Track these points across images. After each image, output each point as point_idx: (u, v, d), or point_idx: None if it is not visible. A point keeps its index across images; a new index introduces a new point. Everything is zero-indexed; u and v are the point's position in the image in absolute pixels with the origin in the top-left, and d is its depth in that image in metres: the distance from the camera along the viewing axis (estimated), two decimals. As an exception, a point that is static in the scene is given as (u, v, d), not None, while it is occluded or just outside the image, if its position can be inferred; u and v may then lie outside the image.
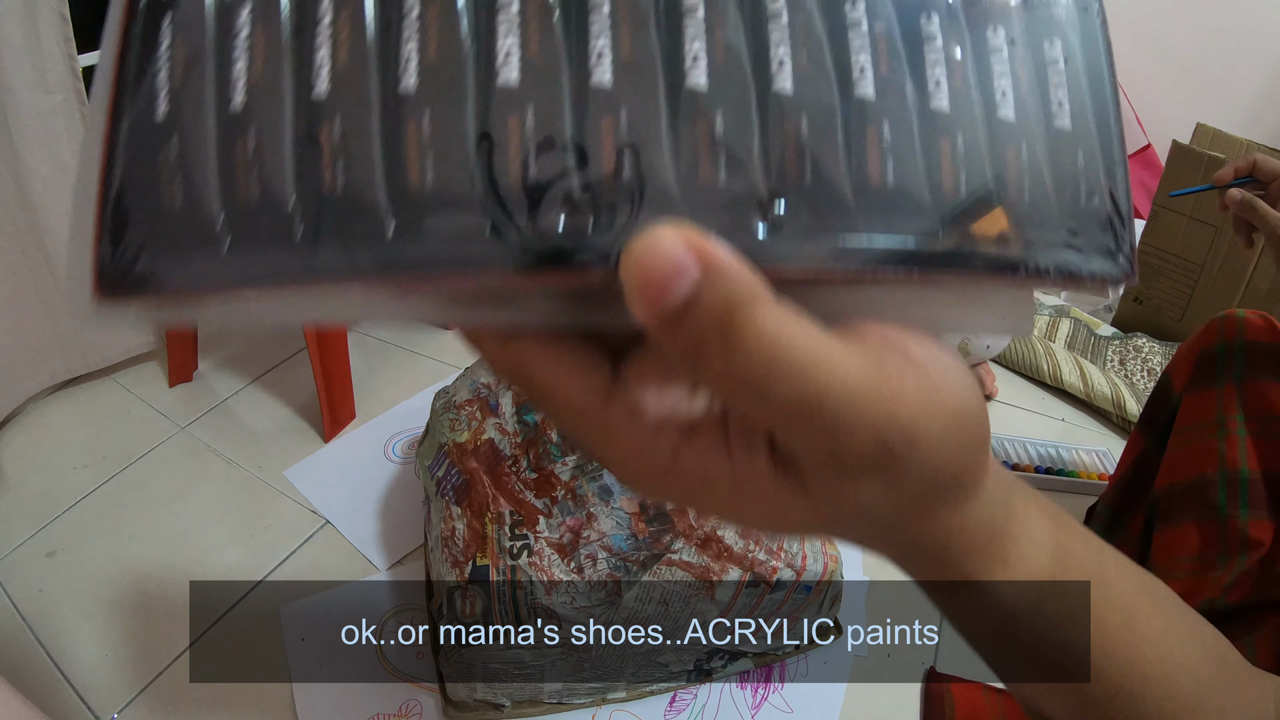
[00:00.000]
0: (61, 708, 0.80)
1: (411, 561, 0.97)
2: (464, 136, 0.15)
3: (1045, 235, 0.17)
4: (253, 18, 0.16)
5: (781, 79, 0.16)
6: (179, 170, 0.15)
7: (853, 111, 0.17)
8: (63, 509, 1.05)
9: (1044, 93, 0.18)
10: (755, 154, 0.16)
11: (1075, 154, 0.18)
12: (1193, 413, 0.78)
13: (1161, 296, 1.48)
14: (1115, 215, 0.18)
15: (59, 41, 1.08)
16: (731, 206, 0.16)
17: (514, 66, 0.15)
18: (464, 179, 0.15)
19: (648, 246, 0.13)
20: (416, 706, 0.80)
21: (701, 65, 0.16)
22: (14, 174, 1.09)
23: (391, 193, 0.15)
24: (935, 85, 0.17)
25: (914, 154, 0.17)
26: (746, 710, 0.82)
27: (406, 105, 0.15)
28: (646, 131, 0.15)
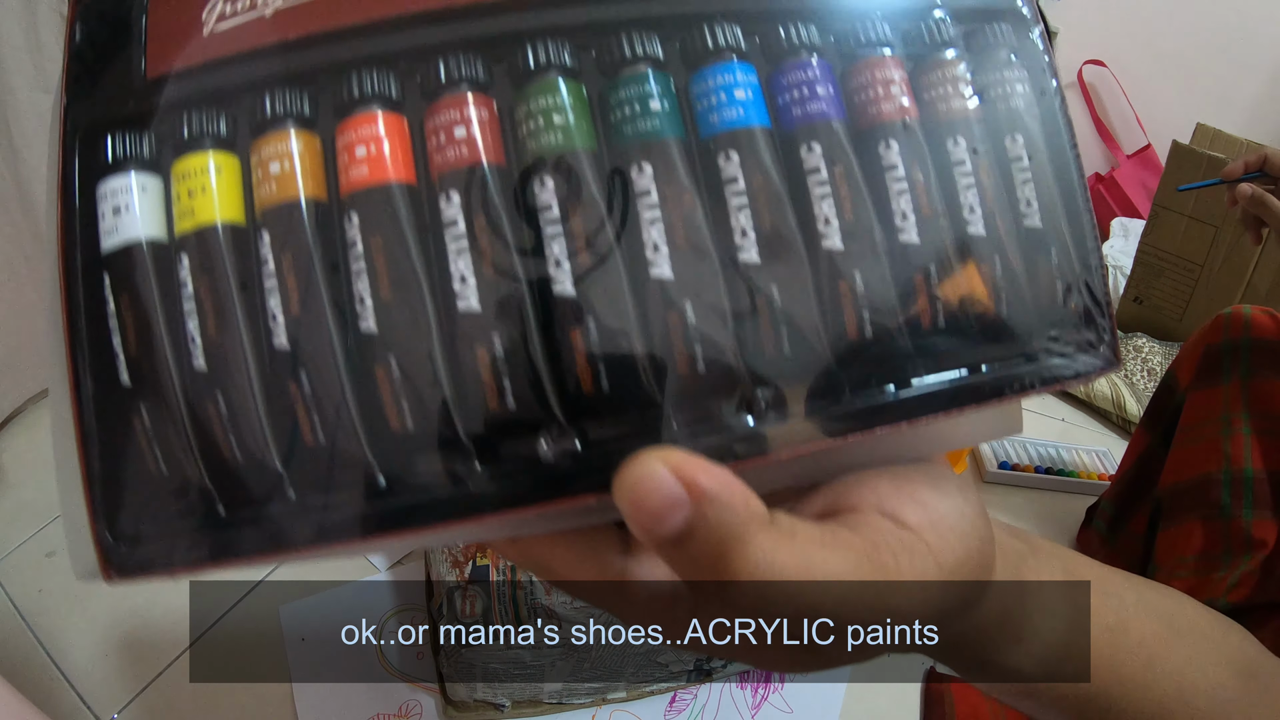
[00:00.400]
0: (61, 708, 0.80)
1: (411, 561, 0.97)
2: (435, 373, 0.15)
3: (1026, 350, 0.17)
4: (193, 272, 0.15)
5: (747, 249, 0.16)
6: (155, 440, 0.15)
7: (823, 267, 0.16)
8: (62, 509, 1.05)
9: (1011, 195, 0.18)
10: (730, 342, 0.16)
11: (1049, 252, 0.18)
12: (1197, 410, 0.78)
13: (1161, 296, 1.48)
14: (1094, 307, 0.18)
15: (59, 41, 1.07)
16: (715, 402, 0.15)
17: (472, 290, 0.15)
18: (443, 420, 0.15)
19: (638, 480, 0.13)
20: (416, 706, 0.80)
21: (664, 254, 0.15)
22: (14, 174, 1.09)
23: (373, 444, 0.15)
24: (902, 218, 0.17)
25: (889, 299, 0.16)
26: (746, 710, 0.82)
27: (372, 347, 0.15)
28: (615, 338, 0.15)
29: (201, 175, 0.16)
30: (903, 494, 0.16)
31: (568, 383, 0.15)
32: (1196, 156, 1.37)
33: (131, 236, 0.15)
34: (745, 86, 0.17)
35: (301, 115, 0.16)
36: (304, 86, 0.16)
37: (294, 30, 0.16)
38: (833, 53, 0.17)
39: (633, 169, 0.16)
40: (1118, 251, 1.64)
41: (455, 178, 0.15)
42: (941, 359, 0.17)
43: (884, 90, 0.17)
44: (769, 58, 0.17)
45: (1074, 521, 1.04)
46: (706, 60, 0.17)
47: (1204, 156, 1.36)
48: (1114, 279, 1.62)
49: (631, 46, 0.16)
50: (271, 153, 0.16)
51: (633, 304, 0.15)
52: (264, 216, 0.15)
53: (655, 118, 0.16)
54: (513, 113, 0.16)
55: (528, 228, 0.15)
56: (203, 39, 0.16)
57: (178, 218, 0.16)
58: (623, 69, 0.16)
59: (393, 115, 0.16)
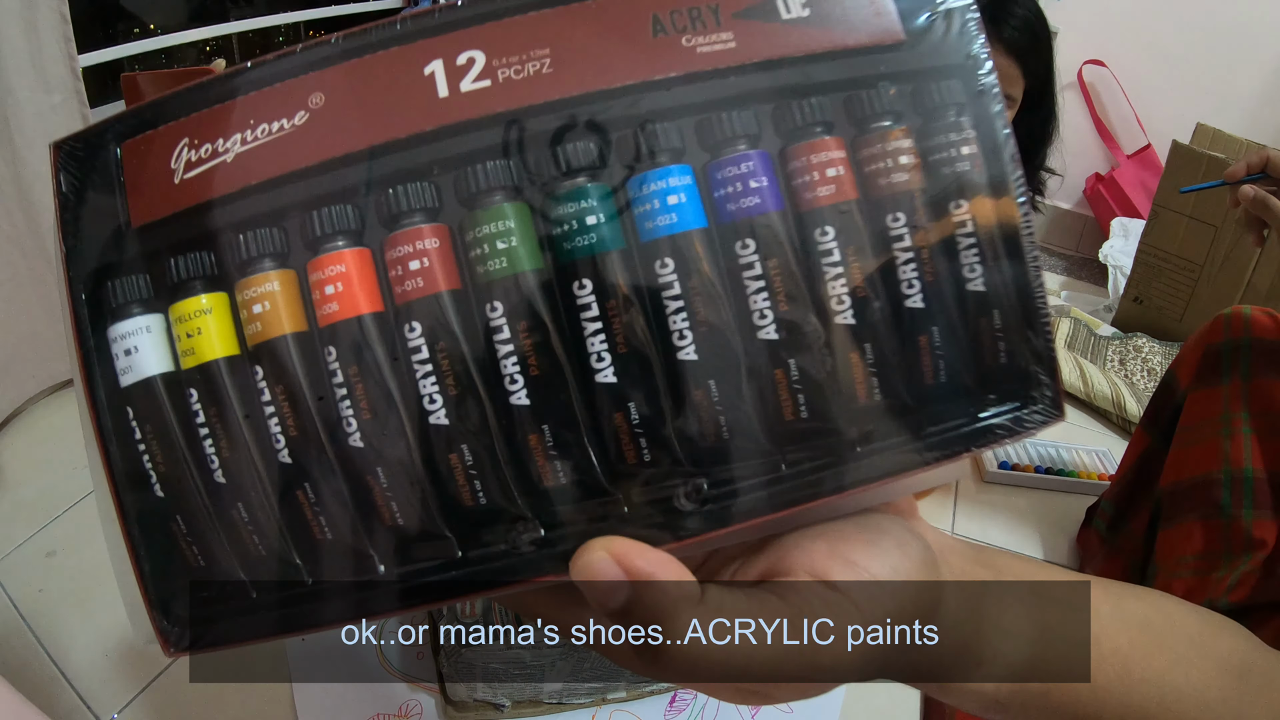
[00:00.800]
0: (61, 708, 0.80)
1: (412, 561, 0.97)
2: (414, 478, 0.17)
3: (966, 413, 0.18)
4: (202, 403, 0.18)
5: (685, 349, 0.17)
6: (192, 540, 0.18)
7: (759, 357, 0.17)
8: (63, 509, 1.05)
9: (954, 262, 0.18)
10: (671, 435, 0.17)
11: (991, 315, 0.18)
12: (1198, 410, 0.78)
13: (1161, 296, 1.48)
14: (1036, 364, 0.18)
15: (59, 41, 1.07)
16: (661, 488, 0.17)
17: (439, 407, 0.17)
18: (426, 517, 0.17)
19: (585, 566, 0.16)
20: (416, 706, 0.80)
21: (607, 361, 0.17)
22: (14, 174, 1.09)
23: (370, 537, 0.18)
24: (838, 302, 0.17)
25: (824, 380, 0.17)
26: (747, 710, 0.82)
27: (360, 459, 0.17)
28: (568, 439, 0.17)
29: (197, 318, 0.18)
30: (835, 556, 0.18)
31: (530, 478, 0.17)
32: (1196, 156, 1.37)
33: (145, 373, 0.18)
34: (679, 191, 0.17)
35: (276, 253, 0.17)
36: (274, 224, 0.17)
37: (256, 174, 0.17)
38: (770, 136, 0.18)
39: (574, 284, 0.17)
40: (1118, 251, 1.64)
41: (416, 308, 0.17)
42: (880, 431, 0.18)
43: (820, 175, 0.18)
44: (707, 147, 0.17)
45: (1074, 521, 1.04)
46: (641, 165, 0.17)
47: (1204, 156, 1.36)
48: (1114, 279, 1.62)
49: (568, 159, 0.17)
50: (253, 294, 0.17)
51: (582, 408, 0.17)
52: (255, 351, 0.17)
53: (593, 232, 0.17)
54: (463, 233, 0.17)
55: (485, 348, 0.17)
56: (174, 186, 0.18)
57: (182, 355, 0.18)
58: (560, 184, 0.17)
59: (356, 252, 0.17)
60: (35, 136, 1.09)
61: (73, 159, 0.19)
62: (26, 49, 1.05)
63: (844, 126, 0.18)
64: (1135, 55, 1.72)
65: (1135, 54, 1.72)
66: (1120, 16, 1.71)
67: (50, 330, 1.20)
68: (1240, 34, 1.61)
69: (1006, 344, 0.18)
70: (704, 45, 0.17)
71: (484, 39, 0.17)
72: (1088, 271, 1.84)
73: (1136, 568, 0.86)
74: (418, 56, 0.17)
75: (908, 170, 0.18)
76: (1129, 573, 0.87)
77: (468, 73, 0.17)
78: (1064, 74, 1.74)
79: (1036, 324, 0.18)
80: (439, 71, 0.17)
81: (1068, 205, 1.92)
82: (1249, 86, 1.64)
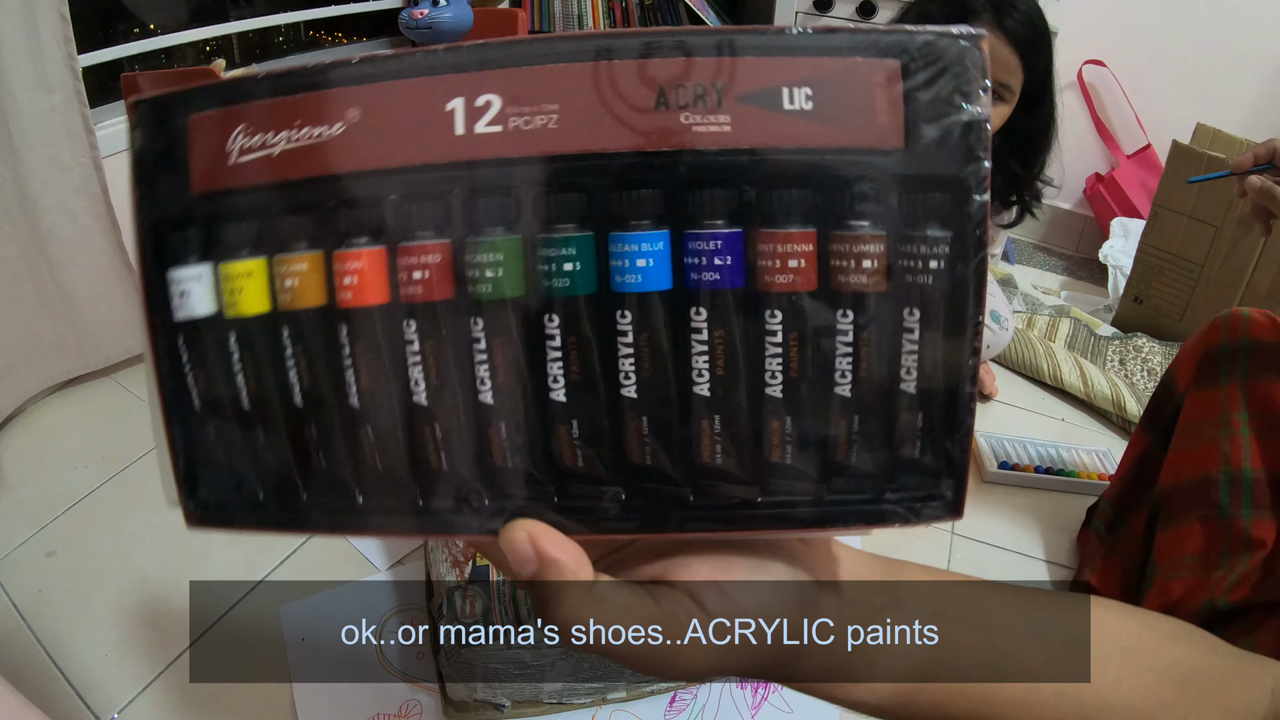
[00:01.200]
0: (61, 708, 0.80)
1: (411, 561, 0.97)
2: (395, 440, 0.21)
3: (868, 493, 0.21)
4: (239, 345, 0.22)
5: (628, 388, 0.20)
6: (219, 446, 0.22)
7: (692, 407, 0.20)
8: (63, 509, 1.05)
9: (893, 362, 0.20)
10: (604, 453, 0.21)
11: (916, 416, 0.20)
12: (1196, 411, 0.78)
13: (1161, 296, 1.48)
14: (947, 468, 0.20)
15: (59, 41, 1.07)
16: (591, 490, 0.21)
17: (423, 391, 0.21)
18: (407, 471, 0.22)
19: (508, 539, 0.20)
20: (416, 706, 0.80)
21: (560, 384, 0.21)
22: (14, 174, 1.09)
23: (355, 474, 0.22)
24: (771, 377, 0.20)
25: (744, 438, 0.20)
26: (746, 710, 0.82)
27: (354, 417, 0.21)
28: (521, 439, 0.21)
29: (240, 279, 0.21)
30: (713, 581, 0.21)
31: (487, 460, 0.21)
32: (1196, 156, 1.37)
33: (195, 314, 0.22)
34: (650, 255, 0.20)
35: (309, 237, 0.21)
36: (308, 215, 0.21)
37: (297, 170, 0.20)
38: (749, 218, 0.19)
39: (545, 316, 0.20)
40: (1118, 251, 1.64)
41: (414, 309, 0.21)
42: (783, 489, 0.21)
43: (782, 263, 0.19)
44: (686, 218, 0.19)
45: (1074, 521, 1.04)
46: (623, 226, 0.20)
47: (1204, 156, 1.36)
48: (1114, 279, 1.62)
49: (559, 208, 0.20)
50: (287, 270, 0.21)
51: (536, 416, 0.21)
52: (284, 316, 0.21)
53: (569, 276, 0.20)
54: (463, 254, 0.20)
55: (466, 352, 0.21)
56: (229, 167, 0.21)
57: (225, 306, 0.21)
58: (550, 229, 0.20)
59: (374, 250, 0.21)
60: (35, 137, 1.09)
61: (147, 119, 0.22)
62: (26, 49, 1.05)
63: (821, 218, 0.19)
64: (1135, 55, 1.72)
65: (1135, 54, 1.72)
66: (1120, 16, 1.71)
67: (50, 330, 1.20)
68: (1240, 34, 1.61)
69: (924, 443, 0.20)
70: (699, 124, 0.19)
71: (503, 84, 0.19)
72: (1088, 271, 1.84)
73: (1135, 568, 0.86)
74: (444, 90, 0.20)
75: (870, 274, 0.19)
76: (1128, 573, 0.87)
77: (483, 115, 0.20)
78: (1064, 74, 1.74)
79: (957, 434, 0.20)
80: (459, 110, 0.20)
81: (1068, 205, 1.92)
82: (1249, 86, 1.64)
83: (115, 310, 1.24)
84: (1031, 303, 1.62)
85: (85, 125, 1.13)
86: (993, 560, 1.02)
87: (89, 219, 1.17)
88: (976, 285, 0.19)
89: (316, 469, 0.22)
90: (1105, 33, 1.72)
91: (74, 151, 1.13)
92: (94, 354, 1.26)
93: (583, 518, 0.21)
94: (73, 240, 1.17)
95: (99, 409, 1.24)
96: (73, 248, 1.17)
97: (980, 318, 0.19)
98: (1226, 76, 1.65)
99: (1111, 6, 1.71)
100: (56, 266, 1.16)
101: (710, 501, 0.21)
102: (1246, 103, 1.65)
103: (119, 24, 1.49)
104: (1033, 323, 1.51)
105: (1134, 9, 1.69)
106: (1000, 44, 0.88)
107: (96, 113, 1.26)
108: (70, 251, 1.17)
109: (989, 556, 1.02)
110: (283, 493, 0.22)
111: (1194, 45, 1.66)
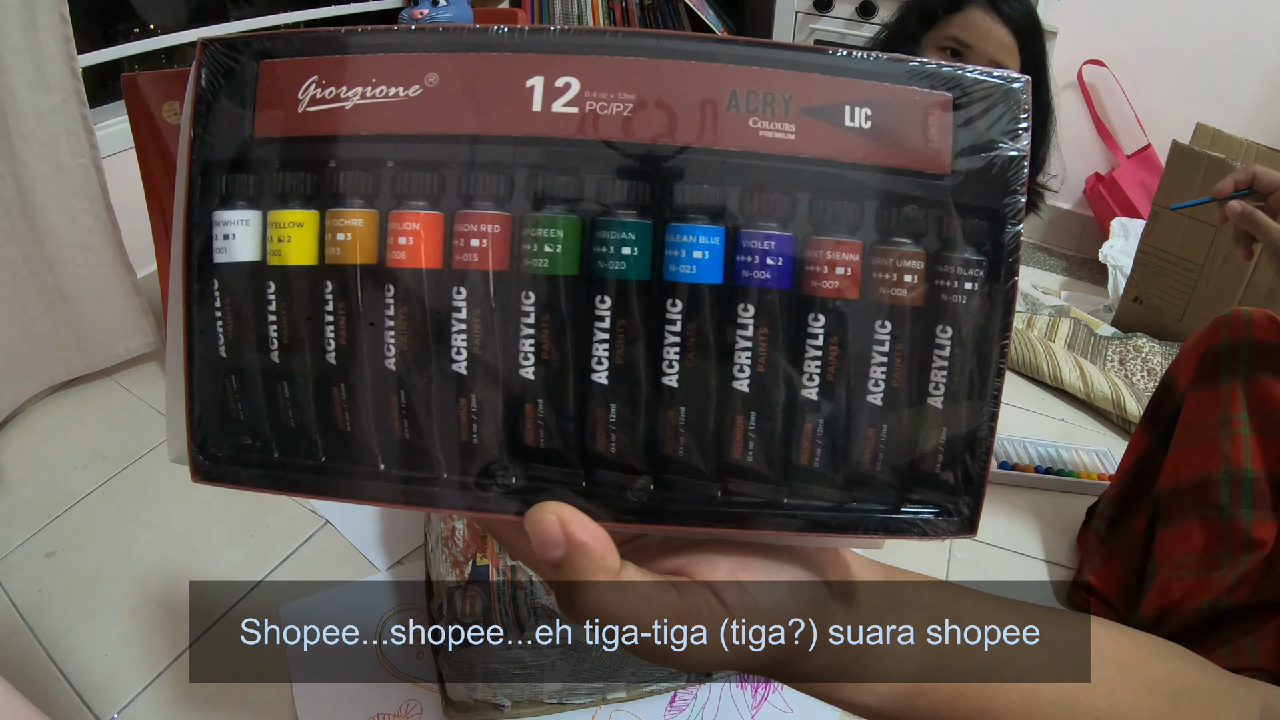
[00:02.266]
0: (61, 708, 0.80)
1: (411, 561, 0.97)
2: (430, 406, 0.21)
3: (888, 502, 0.21)
4: (276, 295, 0.21)
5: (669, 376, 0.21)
6: (238, 399, 0.22)
7: (728, 401, 0.20)
8: (63, 509, 1.05)
9: (923, 376, 0.20)
10: (639, 439, 0.21)
11: (940, 430, 0.21)
12: (1196, 411, 0.78)
13: (1161, 296, 1.48)
14: (965, 484, 0.21)
15: (59, 41, 1.07)
16: (618, 477, 0.21)
17: (463, 361, 0.21)
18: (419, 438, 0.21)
19: (537, 520, 0.20)
20: (416, 706, 0.80)
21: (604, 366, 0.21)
22: (14, 174, 1.09)
23: (382, 443, 0.21)
24: (808, 379, 0.20)
25: (776, 437, 0.21)
26: (746, 710, 0.82)
27: (390, 379, 0.21)
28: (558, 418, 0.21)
29: (289, 228, 0.21)
30: (734, 579, 0.21)
31: (519, 435, 0.21)
32: (1196, 156, 1.37)
33: (236, 258, 0.21)
34: (705, 249, 0.20)
35: (366, 194, 0.21)
36: (369, 172, 0.21)
37: (367, 127, 0.21)
38: (801, 221, 0.20)
39: (597, 297, 0.20)
40: (1118, 251, 1.64)
41: (467, 276, 0.21)
42: (808, 493, 0.21)
43: (829, 269, 0.20)
44: (745, 216, 0.20)
45: (1074, 521, 1.04)
46: (682, 218, 0.20)
47: (1204, 156, 1.36)
48: (1114, 279, 1.62)
49: (622, 194, 0.20)
50: (340, 224, 0.21)
51: (575, 397, 0.21)
52: (329, 270, 0.21)
53: (625, 260, 0.20)
54: (521, 227, 0.20)
55: (513, 326, 0.21)
56: (297, 115, 0.21)
57: (269, 254, 0.21)
58: (611, 212, 0.20)
59: (431, 215, 0.21)
60: (35, 137, 1.09)
61: (216, 59, 0.21)
62: (26, 49, 1.05)
63: (867, 232, 0.20)
64: (1135, 55, 1.72)
65: (1135, 54, 1.72)
66: (1120, 16, 1.71)
67: (50, 330, 1.20)
68: (1240, 34, 1.61)
69: (945, 459, 0.21)
70: (766, 129, 0.20)
71: (584, 69, 0.20)
72: (1088, 271, 1.84)
73: (1135, 568, 0.86)
74: (525, 67, 0.20)
75: (910, 289, 0.20)
76: (1128, 573, 0.87)
77: (562, 95, 0.20)
78: (1064, 74, 1.75)
79: (978, 452, 0.21)
80: (539, 87, 0.20)
81: (1068, 205, 1.92)
82: (1249, 86, 1.64)
83: (115, 310, 1.24)
84: (1031, 303, 1.62)
85: (85, 125, 1.13)
86: (993, 560, 1.02)
87: (89, 219, 1.17)
88: (1005, 309, 0.20)
89: (340, 431, 0.21)
90: (1105, 33, 1.72)
91: (74, 151, 1.13)
92: (94, 354, 1.26)
93: (608, 505, 0.21)
94: (73, 240, 1.16)
95: (99, 409, 1.24)
96: (73, 248, 1.17)
97: (1007, 341, 0.21)
98: (1226, 76, 1.65)
99: (1111, 6, 1.71)
100: (56, 266, 1.16)
101: (736, 499, 0.21)
102: (1246, 103, 1.65)
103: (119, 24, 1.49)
104: (1033, 323, 1.52)
105: (1134, 9, 1.69)
106: (997, 25, 0.90)
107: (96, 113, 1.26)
108: (70, 251, 1.17)
109: (989, 556, 1.02)
110: (300, 453, 0.22)
111: (1194, 45, 1.66)
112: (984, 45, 0.90)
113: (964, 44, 0.91)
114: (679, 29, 1.93)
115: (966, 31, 0.91)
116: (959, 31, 0.91)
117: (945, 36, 0.92)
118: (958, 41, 0.91)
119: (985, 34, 0.90)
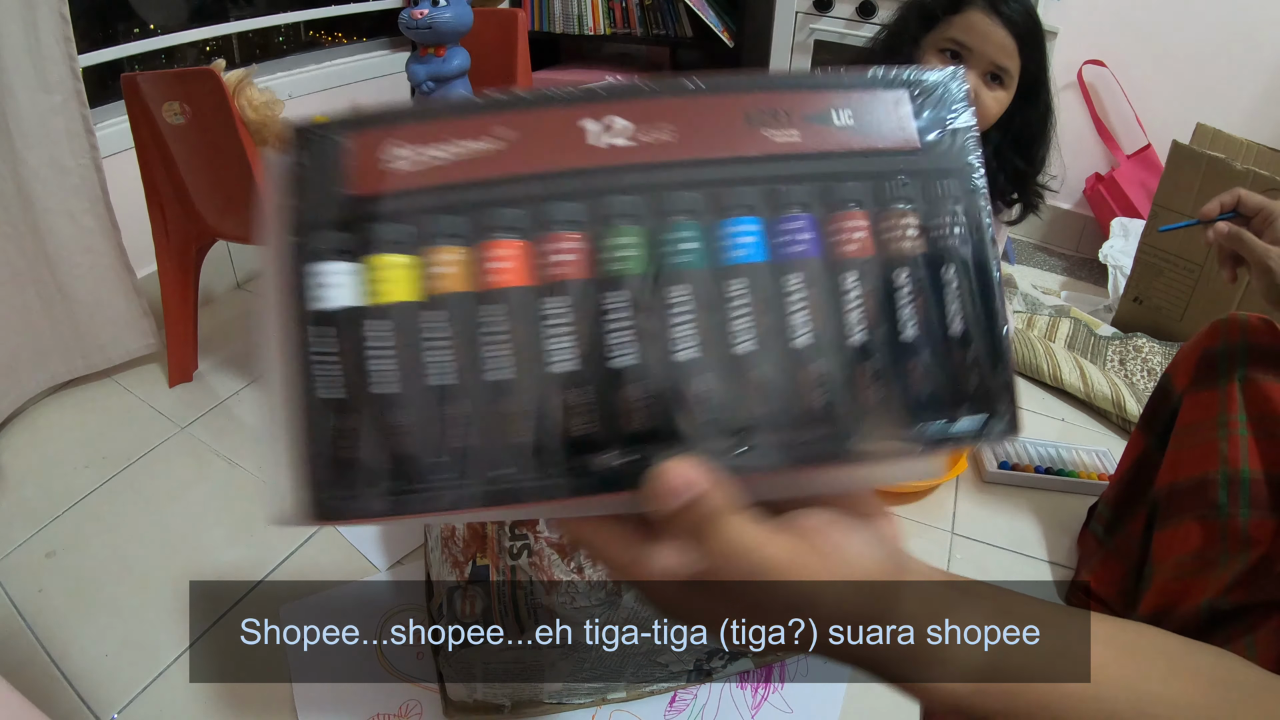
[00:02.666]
0: (61, 708, 0.80)
1: (411, 561, 0.97)
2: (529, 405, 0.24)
3: (942, 418, 0.25)
4: (377, 336, 0.23)
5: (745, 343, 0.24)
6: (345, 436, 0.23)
7: (794, 358, 0.24)
8: (63, 509, 1.05)
9: (942, 308, 0.25)
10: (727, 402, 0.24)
11: (968, 349, 0.25)
12: (1194, 412, 0.78)
13: (1161, 296, 1.48)
14: (1000, 389, 0.25)
15: (59, 41, 1.08)
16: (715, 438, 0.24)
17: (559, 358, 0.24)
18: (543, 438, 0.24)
19: (665, 469, 0.23)
20: (416, 706, 0.80)
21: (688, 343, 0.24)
22: (14, 174, 1.09)
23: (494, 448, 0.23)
24: (853, 326, 0.25)
25: (839, 383, 0.24)
26: (746, 710, 0.82)
27: (500, 390, 0.23)
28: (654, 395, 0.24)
29: (387, 269, 0.24)
30: (825, 531, 0.24)
31: (623, 420, 0.24)
32: (1196, 156, 1.37)
33: (334, 304, 0.23)
34: (750, 234, 0.25)
35: (457, 234, 0.24)
36: (459, 214, 0.24)
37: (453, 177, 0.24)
38: (819, 205, 0.25)
39: (670, 290, 0.24)
40: (1118, 251, 1.64)
41: (559, 286, 0.24)
42: (875, 424, 0.24)
43: (848, 236, 0.25)
44: (774, 208, 0.25)
45: (1074, 521, 1.04)
46: (728, 214, 0.25)
47: (1204, 156, 1.36)
48: (1114, 279, 1.62)
49: (678, 203, 0.25)
50: (437, 259, 0.24)
51: (665, 374, 0.24)
52: (432, 300, 0.24)
53: (689, 254, 0.24)
54: (598, 240, 0.24)
55: (598, 321, 0.24)
56: (384, 172, 0.24)
57: (369, 295, 0.23)
58: (670, 218, 0.25)
59: (517, 243, 0.24)
60: (35, 137, 1.09)
61: (305, 139, 0.24)
62: (26, 49, 1.05)
63: (870, 203, 0.25)
64: (1135, 55, 1.72)
65: (1135, 54, 1.72)
66: (1120, 16, 1.71)
67: (51, 330, 1.20)
68: (1240, 34, 1.61)
69: (978, 373, 0.25)
70: (778, 136, 0.25)
71: (631, 110, 0.25)
72: (1088, 271, 1.84)
73: (1134, 569, 0.86)
74: (578, 113, 0.25)
75: (913, 240, 0.25)
76: (1126, 574, 0.87)
77: (616, 131, 0.25)
78: (1064, 74, 1.75)
79: (1000, 362, 0.25)
80: (589, 127, 0.25)
81: (1068, 205, 1.92)
82: (1249, 86, 1.64)
83: (116, 311, 1.25)
84: (1031, 303, 1.62)
85: (85, 125, 1.13)
86: (993, 560, 1.02)
87: (89, 219, 1.17)
88: (989, 242, 0.26)
89: (449, 447, 0.23)
90: (1105, 33, 1.72)
91: (74, 152, 1.13)
92: (94, 354, 1.26)
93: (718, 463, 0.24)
94: (73, 240, 1.17)
95: (99, 409, 1.24)
96: (73, 248, 1.17)
97: (998, 270, 0.26)
98: (1226, 76, 1.65)
99: (1111, 6, 1.71)
100: (56, 266, 1.17)
101: (814, 438, 0.24)
102: (1246, 103, 1.65)
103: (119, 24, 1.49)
104: (1033, 323, 1.52)
105: (1134, 9, 1.69)
106: (997, 27, 0.89)
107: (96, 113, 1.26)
108: (70, 252, 1.17)
109: (989, 556, 1.02)
110: (410, 476, 0.23)
111: (1194, 45, 1.66)
112: (984, 47, 0.90)
113: (964, 46, 0.91)
114: (679, 29, 1.93)
115: (966, 33, 0.91)
116: (959, 33, 0.91)
117: (945, 39, 0.92)
118: (957, 43, 0.91)
119: (985, 36, 0.90)
